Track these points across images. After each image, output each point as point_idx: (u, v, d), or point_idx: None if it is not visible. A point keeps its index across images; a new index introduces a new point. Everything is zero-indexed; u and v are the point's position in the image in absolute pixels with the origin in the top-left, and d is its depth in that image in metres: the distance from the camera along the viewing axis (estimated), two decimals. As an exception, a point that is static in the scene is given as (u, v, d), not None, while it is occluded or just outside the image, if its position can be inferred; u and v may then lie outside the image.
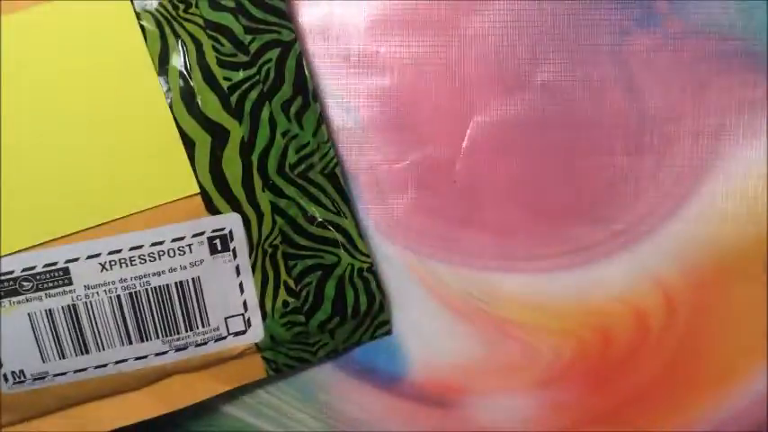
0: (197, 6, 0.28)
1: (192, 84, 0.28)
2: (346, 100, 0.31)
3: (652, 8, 0.30)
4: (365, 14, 0.30)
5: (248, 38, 0.28)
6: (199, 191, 0.28)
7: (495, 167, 0.31)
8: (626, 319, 0.31)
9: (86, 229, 0.27)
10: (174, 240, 0.28)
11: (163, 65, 0.28)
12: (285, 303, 0.30)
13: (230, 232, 0.29)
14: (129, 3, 0.28)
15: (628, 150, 0.30)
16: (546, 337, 0.32)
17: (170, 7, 0.28)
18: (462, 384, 0.32)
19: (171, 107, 0.28)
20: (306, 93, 0.29)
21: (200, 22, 0.28)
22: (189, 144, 0.28)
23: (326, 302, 0.30)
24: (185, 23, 0.28)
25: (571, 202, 0.31)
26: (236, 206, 0.29)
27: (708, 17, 0.30)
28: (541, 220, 0.31)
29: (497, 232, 0.31)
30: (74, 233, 0.27)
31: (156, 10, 0.28)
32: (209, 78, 0.28)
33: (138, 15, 0.28)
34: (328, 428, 0.33)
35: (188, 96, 0.28)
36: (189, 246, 0.28)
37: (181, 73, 0.28)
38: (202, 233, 0.28)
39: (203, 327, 0.29)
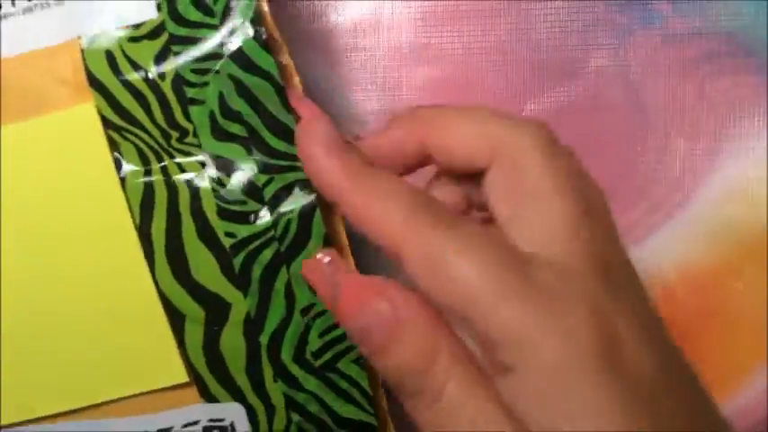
0: (195, 135, 0.21)
1: (181, 241, 0.21)
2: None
3: (652, 8, 0.30)
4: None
5: (263, 178, 0.21)
6: (187, 379, 0.22)
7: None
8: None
9: (56, 414, 0.22)
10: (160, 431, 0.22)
11: (145, 218, 0.21)
12: None
13: (231, 425, 0.22)
14: (104, 140, 0.21)
15: (629, 149, 0.31)
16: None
17: (159, 136, 0.21)
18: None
19: (153, 273, 0.21)
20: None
21: (198, 155, 0.21)
22: (177, 317, 0.21)
23: None
24: (179, 157, 0.21)
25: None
26: (237, 395, 0.22)
27: (708, 17, 0.30)
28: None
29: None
30: (47, 416, 0.23)
31: (142, 140, 0.21)
32: (206, 234, 0.21)
33: (116, 147, 0.21)
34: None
35: (176, 258, 0.21)
36: None
37: (168, 228, 0.21)
38: (196, 422, 0.22)
39: None
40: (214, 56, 0.21)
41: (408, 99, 0.30)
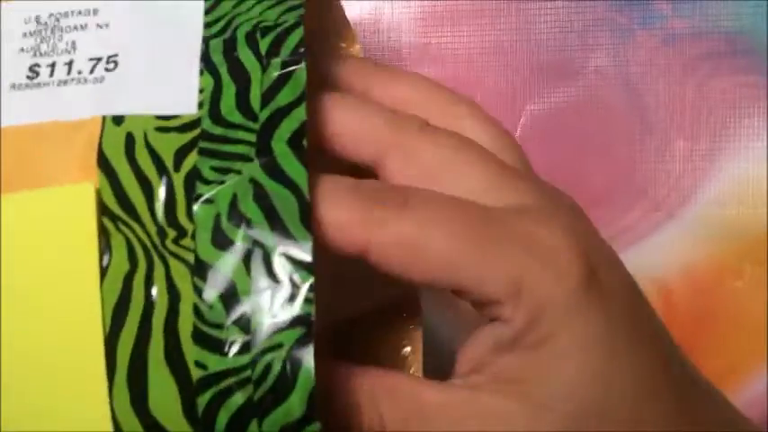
0: (193, 237, 0.18)
1: (146, 363, 0.18)
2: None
3: (652, 8, 0.30)
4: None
5: None
6: None
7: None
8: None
9: None
10: None
11: (116, 325, 0.18)
12: None
13: None
14: (94, 226, 0.18)
15: (629, 149, 0.31)
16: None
17: (155, 233, 0.18)
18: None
19: (111, 395, 0.17)
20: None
21: (191, 261, 0.18)
22: None
23: None
24: (168, 259, 0.18)
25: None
26: None
27: (708, 17, 0.30)
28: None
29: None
30: None
31: (135, 234, 0.18)
32: (174, 358, 0.17)
33: (107, 237, 0.18)
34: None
35: (137, 383, 0.17)
36: None
37: (135, 343, 0.18)
38: None
39: None
40: (242, 157, 0.19)
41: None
